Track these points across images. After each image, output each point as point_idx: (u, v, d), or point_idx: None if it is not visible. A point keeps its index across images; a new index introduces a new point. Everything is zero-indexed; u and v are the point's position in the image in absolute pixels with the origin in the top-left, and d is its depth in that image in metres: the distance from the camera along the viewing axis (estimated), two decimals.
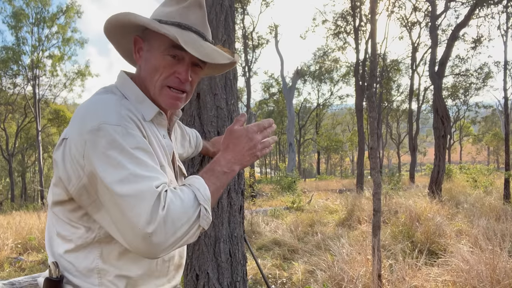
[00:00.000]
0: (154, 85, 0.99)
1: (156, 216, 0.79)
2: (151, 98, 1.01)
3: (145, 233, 0.78)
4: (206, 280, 1.71)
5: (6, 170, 30.18)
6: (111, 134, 0.83)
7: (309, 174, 56.63)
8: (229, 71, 1.84)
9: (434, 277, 3.63)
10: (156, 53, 0.97)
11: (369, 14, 4.23)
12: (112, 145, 0.82)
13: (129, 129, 0.86)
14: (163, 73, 0.97)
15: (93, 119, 0.85)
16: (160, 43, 0.97)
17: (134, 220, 0.79)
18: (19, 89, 26.88)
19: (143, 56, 1.01)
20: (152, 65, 0.98)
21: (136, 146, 0.85)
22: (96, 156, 0.82)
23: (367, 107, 15.27)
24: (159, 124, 1.04)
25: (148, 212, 0.79)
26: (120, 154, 0.82)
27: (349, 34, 19.98)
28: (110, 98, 0.93)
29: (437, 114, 9.96)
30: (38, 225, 7.69)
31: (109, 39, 1.06)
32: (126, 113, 0.89)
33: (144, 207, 0.79)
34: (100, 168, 0.81)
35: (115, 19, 0.98)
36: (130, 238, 0.81)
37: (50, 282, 0.92)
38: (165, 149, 1.03)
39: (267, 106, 38.97)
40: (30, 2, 24.29)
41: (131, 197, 0.80)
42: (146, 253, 0.82)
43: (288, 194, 11.43)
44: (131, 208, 0.79)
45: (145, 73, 1.00)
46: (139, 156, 0.84)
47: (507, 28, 10.88)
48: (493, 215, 6.24)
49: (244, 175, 1.89)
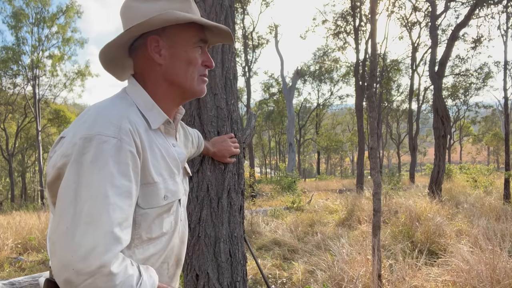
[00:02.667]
0: (190, 77, 1.02)
1: (93, 266, 0.74)
2: (162, 100, 1.02)
3: (72, 264, 0.74)
4: (206, 280, 1.71)
5: (6, 170, 30.18)
6: (101, 149, 0.82)
7: (309, 174, 56.63)
8: (229, 71, 1.84)
9: (434, 277, 3.63)
10: (187, 47, 1.01)
11: (369, 14, 4.23)
12: (97, 160, 0.81)
13: (124, 143, 0.85)
14: (196, 64, 1.03)
15: (91, 126, 0.85)
16: (188, 37, 1.01)
17: (75, 246, 0.75)
18: (19, 89, 26.89)
19: (166, 53, 1.00)
20: (185, 59, 1.01)
21: (122, 171, 0.83)
22: (77, 162, 0.81)
23: (367, 107, 15.28)
24: (167, 133, 1.05)
25: (90, 252, 0.74)
26: (100, 173, 0.80)
27: (349, 34, 19.97)
28: (118, 106, 0.93)
29: (437, 114, 9.96)
30: (38, 225, 7.69)
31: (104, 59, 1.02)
32: (128, 126, 0.88)
33: (92, 243, 0.75)
34: (75, 174, 0.80)
35: (154, 22, 0.94)
36: (60, 253, 0.76)
37: (51, 283, 0.92)
38: (176, 159, 1.04)
39: (267, 106, 38.97)
40: (30, 2, 24.27)
41: (87, 223, 0.76)
42: (57, 275, 0.77)
43: (288, 194, 11.43)
44: (81, 234, 0.75)
45: (175, 69, 1.00)
46: (118, 182, 0.82)
47: (507, 28, 10.88)
48: (493, 215, 6.24)
49: (244, 175, 1.89)
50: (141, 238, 0.94)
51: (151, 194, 0.94)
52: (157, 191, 0.95)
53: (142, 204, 0.92)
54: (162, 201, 0.96)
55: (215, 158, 1.72)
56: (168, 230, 1.01)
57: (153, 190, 0.94)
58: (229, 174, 1.77)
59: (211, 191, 1.73)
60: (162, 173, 0.97)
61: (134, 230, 0.92)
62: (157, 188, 0.95)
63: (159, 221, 0.97)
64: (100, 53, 1.00)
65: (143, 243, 0.94)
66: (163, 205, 0.97)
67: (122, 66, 1.08)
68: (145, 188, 0.92)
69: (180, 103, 1.08)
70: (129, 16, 1.00)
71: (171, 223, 1.02)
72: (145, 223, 0.94)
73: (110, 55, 1.02)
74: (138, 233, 0.93)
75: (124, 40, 0.99)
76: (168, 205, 0.99)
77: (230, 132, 1.80)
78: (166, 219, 0.99)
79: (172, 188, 1.00)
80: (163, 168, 0.98)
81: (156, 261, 0.99)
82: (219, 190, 1.75)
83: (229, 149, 1.71)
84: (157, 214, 0.96)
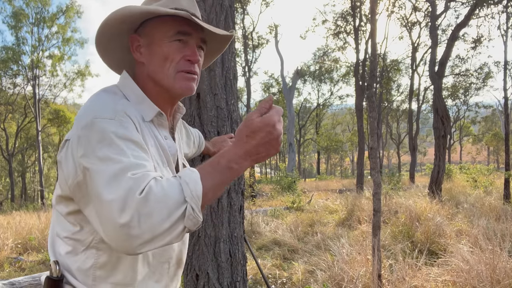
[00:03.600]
0: (167, 73, 0.97)
1: (130, 203, 0.72)
2: (152, 97, 1.01)
3: (118, 222, 0.72)
4: (206, 280, 1.71)
5: (6, 170, 30.19)
6: (104, 127, 0.82)
7: (309, 174, 56.62)
8: (229, 71, 1.84)
9: (434, 277, 3.63)
10: (162, 42, 0.97)
11: (369, 14, 4.23)
12: (103, 139, 0.81)
13: (123, 123, 0.85)
14: (174, 59, 0.97)
15: (87, 115, 0.85)
16: (164, 31, 0.97)
17: (109, 207, 0.73)
18: (19, 89, 26.94)
19: (146, 51, 1.00)
20: (160, 55, 0.97)
21: (128, 138, 0.83)
22: (88, 151, 0.81)
23: (367, 107, 15.27)
24: (160, 125, 1.03)
25: (121, 197, 0.73)
26: (110, 147, 0.80)
27: (349, 34, 19.98)
28: (108, 96, 0.92)
29: (437, 114, 9.96)
30: (38, 225, 7.69)
31: (98, 47, 1.04)
32: (122, 108, 0.88)
33: (118, 192, 0.73)
34: (90, 162, 0.80)
35: (116, 15, 0.95)
36: (106, 228, 0.75)
37: (50, 281, 0.92)
38: (166, 150, 1.02)
39: None
40: (30, 2, 24.29)
41: (109, 183, 0.75)
42: (120, 247, 0.75)
43: (288, 194, 11.43)
44: (108, 193, 0.74)
45: (154, 66, 0.98)
46: (129, 146, 0.81)
47: (507, 28, 10.88)
48: (493, 215, 6.24)
49: (244, 175, 1.89)
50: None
51: None
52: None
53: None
54: None
55: None
56: None
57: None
58: None
59: None
60: (157, 160, 0.96)
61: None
62: (162, 172, 0.94)
63: None
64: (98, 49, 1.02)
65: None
66: None
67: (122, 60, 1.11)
68: None
69: (171, 102, 1.05)
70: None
71: None
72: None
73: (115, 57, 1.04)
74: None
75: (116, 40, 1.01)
76: None
77: (230, 132, 1.80)
78: None
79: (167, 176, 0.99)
80: (157, 157, 0.97)
81: (157, 261, 0.99)
82: None
83: None
84: None
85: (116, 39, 1.03)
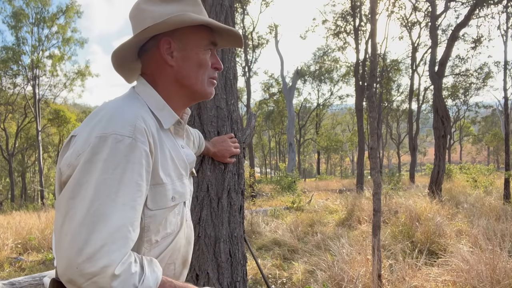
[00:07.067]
0: (200, 79, 1.03)
1: (102, 260, 0.73)
2: (172, 101, 1.02)
3: (77, 262, 0.73)
4: (206, 280, 1.71)
5: (6, 170, 30.20)
6: (116, 148, 0.82)
7: (309, 174, 56.62)
8: (229, 71, 1.84)
9: (434, 277, 3.63)
10: (198, 50, 1.02)
11: (369, 14, 4.23)
12: (110, 162, 0.81)
13: (138, 142, 0.85)
14: (207, 66, 1.04)
15: (106, 125, 0.84)
16: (199, 39, 1.02)
17: (77, 247, 0.74)
18: (19, 89, 26.91)
19: (178, 55, 1.00)
20: (196, 61, 1.01)
21: (135, 171, 0.83)
22: (89, 162, 0.81)
23: (367, 107, 15.28)
24: (176, 134, 1.06)
25: (96, 251, 0.74)
26: (111, 174, 0.80)
27: (349, 34, 19.97)
28: (133, 106, 0.93)
29: (437, 114, 9.96)
30: (38, 225, 7.69)
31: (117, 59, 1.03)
32: (142, 125, 0.88)
33: (96, 244, 0.74)
34: (85, 180, 0.79)
35: (170, 22, 0.95)
36: (61, 256, 0.76)
37: (57, 283, 0.90)
38: (185, 161, 1.04)
39: (267, 106, 38.97)
40: (30, 2, 24.28)
41: (94, 225, 0.76)
42: (62, 275, 0.76)
43: (288, 194, 11.43)
44: (86, 234, 0.75)
45: (187, 71, 1.01)
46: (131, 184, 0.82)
47: (507, 28, 10.88)
48: (493, 215, 6.24)
49: (244, 175, 1.89)
50: (151, 241, 0.94)
51: (159, 195, 0.93)
52: (165, 192, 0.94)
53: (150, 205, 0.91)
54: (170, 202, 0.96)
55: (215, 158, 1.72)
56: (174, 231, 1.01)
57: (161, 191, 0.94)
58: (229, 174, 1.77)
59: (211, 191, 1.73)
60: (171, 174, 0.97)
61: (143, 233, 0.91)
62: (165, 189, 0.95)
63: (166, 222, 0.97)
64: (113, 54, 1.00)
65: (151, 246, 0.94)
66: (171, 206, 0.97)
67: (129, 68, 1.09)
68: (154, 189, 0.92)
69: (188, 104, 1.09)
70: (140, 18, 1.01)
71: (177, 223, 1.02)
72: (154, 225, 0.93)
73: (121, 56, 1.03)
74: (148, 236, 0.93)
75: (136, 41, 1.00)
76: (175, 206, 0.99)
77: (230, 132, 1.80)
78: (172, 219, 0.99)
79: (179, 189, 1.00)
80: (171, 169, 0.98)
81: (163, 262, 0.99)
82: (219, 190, 1.75)
83: (229, 149, 1.72)
84: (164, 216, 0.96)
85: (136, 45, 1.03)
